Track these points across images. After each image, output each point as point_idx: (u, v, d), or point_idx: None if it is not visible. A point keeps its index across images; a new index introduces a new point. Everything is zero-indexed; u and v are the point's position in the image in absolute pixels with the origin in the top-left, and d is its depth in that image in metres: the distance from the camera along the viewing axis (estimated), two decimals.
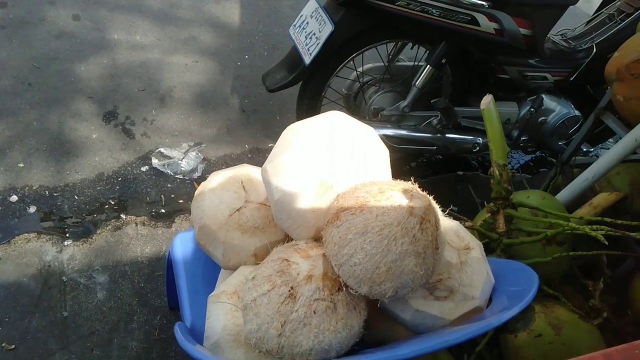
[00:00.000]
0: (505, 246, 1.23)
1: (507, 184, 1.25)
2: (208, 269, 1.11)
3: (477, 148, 2.13)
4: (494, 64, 1.95)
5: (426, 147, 2.07)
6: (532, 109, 2.06)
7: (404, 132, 2.01)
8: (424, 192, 0.72)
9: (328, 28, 1.71)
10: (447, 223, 0.87)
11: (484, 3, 1.67)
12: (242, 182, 0.92)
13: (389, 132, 1.96)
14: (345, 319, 0.69)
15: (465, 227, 1.22)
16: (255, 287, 0.72)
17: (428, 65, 1.90)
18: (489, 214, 1.26)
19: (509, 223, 1.25)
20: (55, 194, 2.00)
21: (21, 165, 2.05)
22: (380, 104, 2.09)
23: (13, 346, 1.60)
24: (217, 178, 0.95)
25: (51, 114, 2.23)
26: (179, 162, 2.19)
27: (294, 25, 1.91)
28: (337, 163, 0.78)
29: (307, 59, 1.78)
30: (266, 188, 0.80)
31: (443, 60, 1.90)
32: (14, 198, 1.96)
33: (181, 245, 1.25)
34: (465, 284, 0.78)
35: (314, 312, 0.68)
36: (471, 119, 2.12)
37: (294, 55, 1.88)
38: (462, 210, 2.24)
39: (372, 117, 2.11)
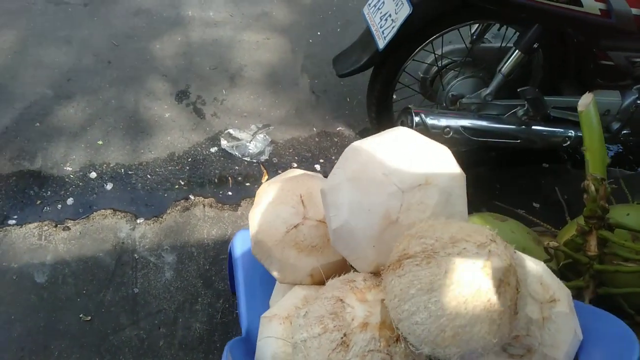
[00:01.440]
0: (596, 272, 1.08)
1: (604, 201, 1.08)
2: (266, 272, 1.07)
3: (568, 142, 1.91)
4: (595, 49, 1.70)
5: (509, 141, 1.88)
6: (639, 100, 1.80)
7: (484, 122, 1.84)
8: (505, 245, 0.61)
9: (405, 10, 1.57)
10: (529, 267, 0.75)
11: None
12: (301, 196, 0.86)
13: (467, 122, 1.80)
14: None
15: (550, 247, 1.09)
16: (307, 327, 0.66)
17: (517, 50, 1.70)
18: (579, 233, 1.11)
19: (602, 246, 1.09)
20: (130, 172, 2.07)
21: (100, 142, 2.14)
22: (460, 90, 1.92)
23: (89, 318, 1.70)
24: (274, 188, 0.90)
25: (128, 92, 2.29)
26: (247, 144, 2.17)
27: (369, 5, 1.78)
28: (405, 191, 0.69)
29: (381, 44, 1.66)
30: (325, 211, 0.73)
31: (535, 45, 1.69)
32: (93, 175, 2.05)
33: (241, 243, 1.23)
34: (546, 343, 0.67)
35: None
36: (563, 109, 1.90)
37: (367, 39, 1.76)
38: (545, 210, 2.05)
39: (449, 104, 1.95)
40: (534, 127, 1.88)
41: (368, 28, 1.76)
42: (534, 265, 0.76)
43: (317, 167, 2.15)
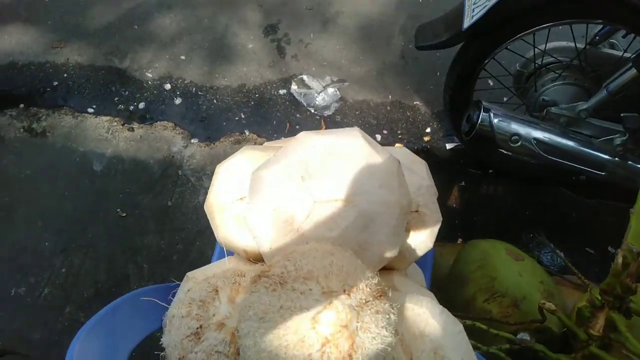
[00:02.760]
0: (591, 355, 0.90)
1: (632, 279, 0.87)
2: None
3: None
4: None
5: (590, 170, 1.59)
6: None
7: (568, 142, 1.56)
8: (364, 302, 0.51)
9: None
10: (430, 329, 0.62)
11: None
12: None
13: (544, 136, 1.54)
14: None
15: (545, 307, 0.92)
16: (180, 304, 0.64)
17: (632, 68, 1.39)
18: (588, 305, 0.92)
19: (610, 329, 0.89)
20: (199, 93, 2.15)
21: (183, 57, 2.22)
22: (554, 96, 1.64)
23: (124, 214, 1.86)
24: (241, 157, 0.85)
25: (222, 15, 2.32)
26: (316, 95, 2.11)
27: None
28: (317, 202, 0.60)
29: (466, 23, 1.45)
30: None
31: None
32: (168, 86, 2.16)
33: None
34: None
35: None
36: None
37: (457, 14, 1.54)
38: (598, 260, 1.76)
39: (536, 109, 1.68)
40: (629, 163, 1.56)
41: (463, 3, 1.54)
42: (441, 331, 0.63)
43: (378, 137, 2.03)
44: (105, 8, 2.32)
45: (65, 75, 2.17)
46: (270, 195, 0.63)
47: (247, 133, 2.05)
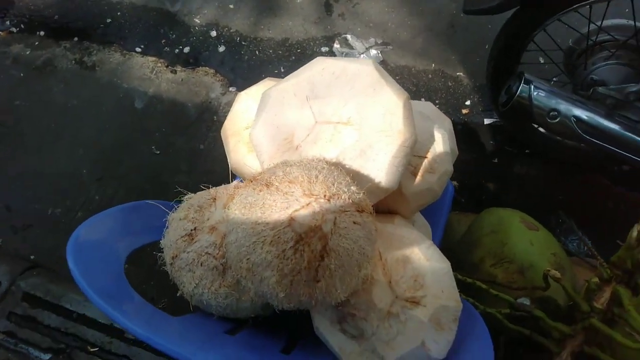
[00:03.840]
0: (591, 327, 0.88)
1: None
2: None
3: None
4: None
5: (632, 156, 1.51)
6: None
7: (611, 125, 1.48)
8: (344, 209, 0.51)
9: None
10: (415, 260, 0.62)
11: None
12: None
13: (585, 115, 1.46)
14: (231, 288, 0.60)
15: (550, 275, 0.90)
16: (181, 209, 0.67)
17: None
18: (596, 277, 0.89)
19: (614, 304, 0.86)
20: (243, 43, 2.17)
21: (231, 6, 2.24)
22: (603, 76, 1.55)
23: (158, 152, 1.93)
24: (261, 87, 0.87)
25: None
26: (358, 56, 2.09)
27: None
28: (318, 122, 0.60)
29: None
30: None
31: None
32: (214, 33, 2.19)
33: None
34: (381, 338, 0.58)
35: (201, 264, 0.61)
36: None
37: None
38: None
39: (583, 87, 1.60)
40: None
41: None
42: (424, 259, 0.63)
43: None
44: None
45: (118, 13, 2.25)
46: (274, 112, 0.65)
47: None
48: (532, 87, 1.46)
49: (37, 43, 2.19)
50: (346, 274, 0.54)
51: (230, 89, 2.06)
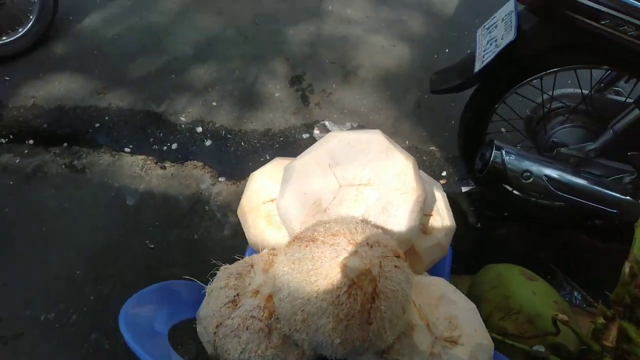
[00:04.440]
0: None
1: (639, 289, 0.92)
2: None
3: None
4: None
5: (603, 207, 1.64)
6: None
7: (579, 181, 1.63)
8: (386, 255, 0.58)
9: (509, 36, 1.48)
10: (446, 305, 0.68)
11: None
12: None
13: (555, 173, 1.61)
14: (277, 349, 0.63)
15: (558, 319, 0.96)
16: (218, 278, 0.71)
17: (635, 108, 1.48)
18: (600, 316, 0.96)
19: (624, 339, 0.92)
20: (228, 136, 2.30)
21: (214, 104, 2.40)
22: (563, 138, 1.73)
23: (153, 246, 1.95)
24: (273, 165, 0.95)
25: (252, 66, 2.53)
26: None
27: (483, 26, 1.70)
28: (342, 186, 0.69)
29: (477, 66, 1.58)
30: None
31: None
32: (200, 129, 2.32)
33: None
34: None
35: (246, 328, 0.64)
36: None
37: (468, 61, 1.68)
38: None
39: (547, 150, 1.77)
40: None
41: (474, 49, 1.69)
42: (454, 302, 0.69)
43: None
44: (147, 60, 2.55)
45: (106, 117, 2.36)
46: (300, 181, 0.72)
47: None
48: (504, 152, 1.62)
49: (26, 151, 2.25)
50: (394, 315, 0.59)
51: (220, 179, 2.15)
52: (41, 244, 1.96)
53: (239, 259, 0.84)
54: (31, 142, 2.28)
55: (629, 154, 1.56)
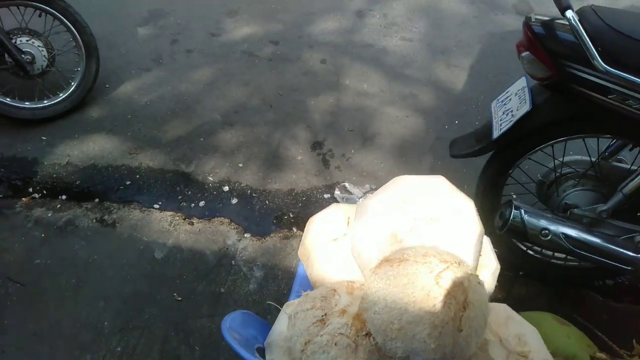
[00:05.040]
0: None
1: None
2: None
3: None
4: None
5: (618, 265, 1.74)
6: None
7: (593, 238, 1.73)
8: (469, 273, 0.67)
9: (525, 107, 1.65)
10: (514, 323, 0.77)
11: None
12: (348, 218, 1.00)
13: (571, 232, 1.72)
14: None
15: (596, 357, 1.03)
16: (302, 303, 0.79)
17: None
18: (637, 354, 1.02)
19: None
20: (254, 195, 2.41)
21: (240, 165, 2.54)
22: (575, 200, 1.86)
23: (180, 298, 1.99)
24: (331, 210, 1.06)
25: (276, 132, 2.70)
26: (357, 199, 2.36)
27: (497, 100, 1.89)
28: (418, 223, 0.79)
29: (496, 134, 1.74)
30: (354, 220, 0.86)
31: None
32: (226, 188, 2.44)
33: None
34: None
35: (335, 344, 0.71)
36: None
37: (486, 129, 1.85)
38: None
39: (561, 211, 1.89)
40: None
41: (490, 119, 1.86)
42: (519, 322, 0.77)
43: None
44: (178, 124, 2.73)
45: (137, 176, 2.48)
46: (376, 216, 0.83)
47: (294, 230, 2.27)
48: (522, 211, 1.73)
49: (59, 206, 2.34)
50: (479, 325, 0.66)
51: (245, 235, 2.24)
52: (70, 295, 2.00)
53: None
54: (64, 197, 2.38)
55: (638, 214, 1.68)
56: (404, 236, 0.79)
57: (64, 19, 2.54)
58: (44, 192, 2.41)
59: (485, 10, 3.62)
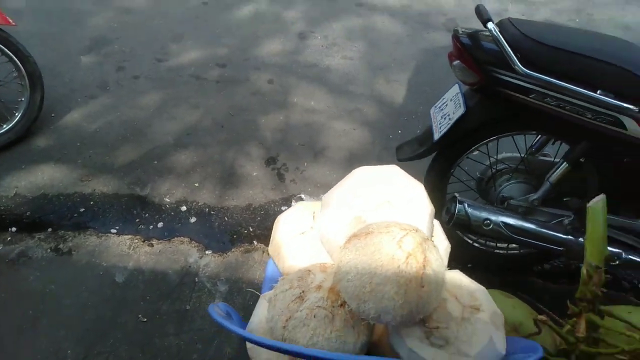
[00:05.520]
0: (582, 353, 1.13)
1: (597, 287, 1.16)
2: None
3: (617, 262, 1.91)
4: None
5: (552, 247, 1.93)
6: None
7: (529, 225, 1.92)
8: (425, 237, 0.79)
9: (460, 111, 1.83)
10: (466, 283, 0.89)
11: (632, 107, 1.59)
12: (314, 213, 1.10)
13: (510, 220, 1.91)
14: (340, 331, 0.78)
15: (538, 319, 1.17)
16: (280, 286, 0.87)
17: (564, 162, 1.84)
18: (570, 314, 1.17)
19: (592, 330, 1.14)
20: (212, 212, 2.46)
21: (197, 184, 2.58)
22: (510, 192, 2.06)
23: (145, 319, 1.98)
24: (295, 209, 1.15)
25: (229, 151, 2.77)
26: None
27: (435, 106, 2.07)
28: (378, 206, 0.90)
29: (436, 136, 1.91)
30: (319, 215, 0.96)
31: (582, 159, 1.82)
32: (184, 208, 2.46)
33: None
34: (461, 339, 0.79)
35: (314, 317, 0.79)
36: (618, 229, 1.92)
37: (428, 132, 2.02)
38: None
39: (499, 203, 2.08)
40: (580, 240, 1.92)
41: (430, 124, 2.04)
42: (469, 283, 0.89)
43: None
44: (129, 149, 2.73)
45: (91, 202, 2.46)
46: (340, 205, 0.92)
47: (255, 243, 2.33)
48: (466, 205, 1.90)
49: (9, 238, 2.27)
50: (438, 282, 0.76)
51: (207, 252, 2.27)
52: (28, 327, 1.95)
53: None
54: (14, 229, 2.32)
55: (564, 199, 1.89)
56: (367, 218, 0.89)
57: (6, 50, 2.50)
58: None
59: (417, 29, 3.90)
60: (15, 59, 2.55)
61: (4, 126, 2.63)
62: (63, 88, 3.06)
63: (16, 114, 2.64)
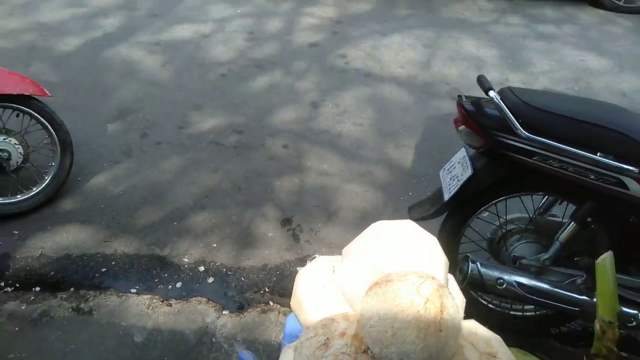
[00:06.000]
0: None
1: (612, 343, 1.19)
2: None
3: (633, 323, 1.91)
4: None
5: (567, 307, 1.95)
6: None
7: (542, 284, 1.96)
8: (441, 285, 0.85)
9: (468, 172, 1.93)
10: (482, 331, 0.93)
11: (632, 168, 1.68)
12: (333, 266, 1.17)
13: (524, 280, 1.94)
14: None
15: None
16: (305, 334, 0.92)
17: (572, 222, 1.91)
18: None
19: None
20: (229, 273, 2.52)
21: (214, 245, 2.66)
22: (521, 252, 2.11)
23: None
24: (314, 263, 1.23)
25: (246, 212, 2.87)
26: None
27: (444, 168, 2.18)
28: (395, 257, 0.97)
29: (446, 196, 2.00)
30: (339, 270, 1.03)
31: (589, 219, 1.89)
32: (202, 268, 2.53)
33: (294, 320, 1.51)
34: None
35: None
36: (632, 289, 1.95)
37: (438, 193, 2.12)
38: None
39: (510, 263, 2.13)
40: (594, 300, 1.94)
41: (440, 186, 2.14)
42: (485, 331, 0.93)
43: None
44: (151, 210, 2.84)
45: (112, 262, 2.53)
46: (359, 258, 1.00)
47: (271, 304, 2.36)
48: (479, 264, 1.95)
49: (32, 298, 2.33)
50: (455, 327, 0.82)
51: (224, 312, 2.30)
52: None
53: None
54: (37, 289, 2.39)
55: (575, 258, 1.93)
56: (385, 269, 0.96)
57: (41, 118, 2.70)
58: (17, 285, 2.40)
59: (423, 97, 4.11)
60: (49, 127, 2.73)
61: (34, 189, 2.77)
62: (90, 154, 3.24)
63: (46, 178, 2.79)
